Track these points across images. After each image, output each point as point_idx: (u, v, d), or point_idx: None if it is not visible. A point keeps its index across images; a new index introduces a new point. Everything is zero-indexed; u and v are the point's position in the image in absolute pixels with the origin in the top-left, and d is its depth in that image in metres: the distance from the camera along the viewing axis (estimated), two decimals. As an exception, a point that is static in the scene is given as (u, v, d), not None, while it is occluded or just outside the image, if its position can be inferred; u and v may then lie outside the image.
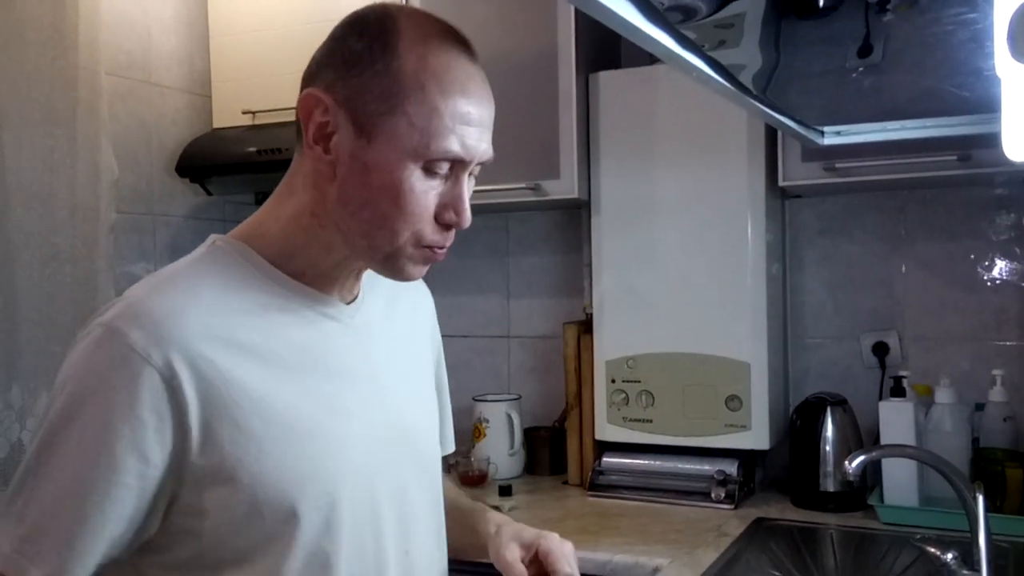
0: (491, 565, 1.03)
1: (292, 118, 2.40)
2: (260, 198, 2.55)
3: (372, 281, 0.99)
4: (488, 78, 0.90)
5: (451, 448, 1.17)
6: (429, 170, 0.85)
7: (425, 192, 0.86)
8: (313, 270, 0.92)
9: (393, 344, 1.01)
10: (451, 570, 1.07)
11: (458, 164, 0.87)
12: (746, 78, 0.87)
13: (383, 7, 0.88)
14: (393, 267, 0.90)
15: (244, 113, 2.27)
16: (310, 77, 0.89)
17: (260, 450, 0.83)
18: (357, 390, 0.93)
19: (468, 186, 0.90)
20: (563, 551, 0.99)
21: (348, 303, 0.96)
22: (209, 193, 2.36)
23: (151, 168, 2.30)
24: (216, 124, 2.34)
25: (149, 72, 2.30)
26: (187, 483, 0.83)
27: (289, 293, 0.90)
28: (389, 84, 0.84)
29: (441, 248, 0.90)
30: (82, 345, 0.83)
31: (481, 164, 0.90)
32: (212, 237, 0.93)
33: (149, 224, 2.27)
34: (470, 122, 0.86)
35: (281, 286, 0.90)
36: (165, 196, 2.32)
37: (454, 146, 0.85)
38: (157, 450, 0.81)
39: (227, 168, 2.25)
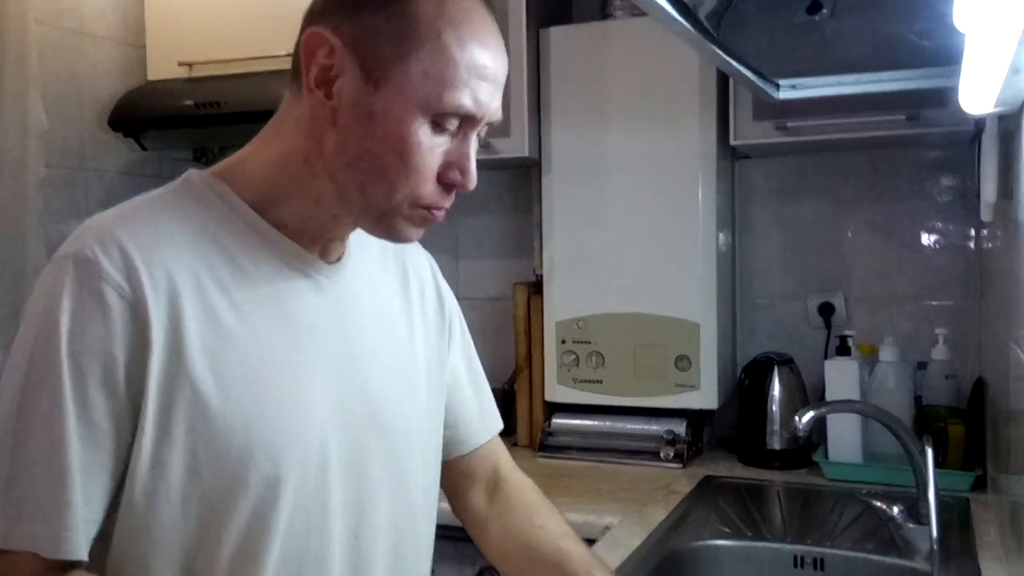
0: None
1: (231, 71, 2.31)
2: (198, 153, 2.48)
3: (363, 245, 0.93)
4: None
5: (498, 427, 1.11)
6: (438, 125, 0.80)
7: (431, 148, 0.80)
8: (296, 222, 0.85)
9: (376, 313, 0.94)
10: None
11: (467, 121, 0.82)
12: (703, 13, 0.84)
13: None
14: (387, 226, 0.84)
15: (180, 65, 2.17)
16: (313, 15, 0.82)
17: (208, 408, 0.78)
18: (324, 356, 0.86)
19: (474, 146, 0.84)
20: None
21: (330, 263, 0.89)
22: (144, 148, 2.26)
23: (83, 121, 2.20)
24: (151, 76, 2.24)
25: (81, 21, 2.19)
26: (139, 434, 0.77)
27: (266, 243, 0.84)
28: (404, 28, 0.78)
29: (440, 209, 0.84)
30: (49, 282, 0.77)
31: (489, 125, 0.84)
32: (188, 171, 0.87)
33: (81, 179, 2.18)
34: (485, 76, 0.80)
35: (258, 234, 0.84)
36: (98, 150, 2.22)
37: (466, 100, 0.80)
38: (124, 390, 0.76)
39: (162, 122, 2.16)
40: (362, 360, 0.90)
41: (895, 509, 1.39)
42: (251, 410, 0.80)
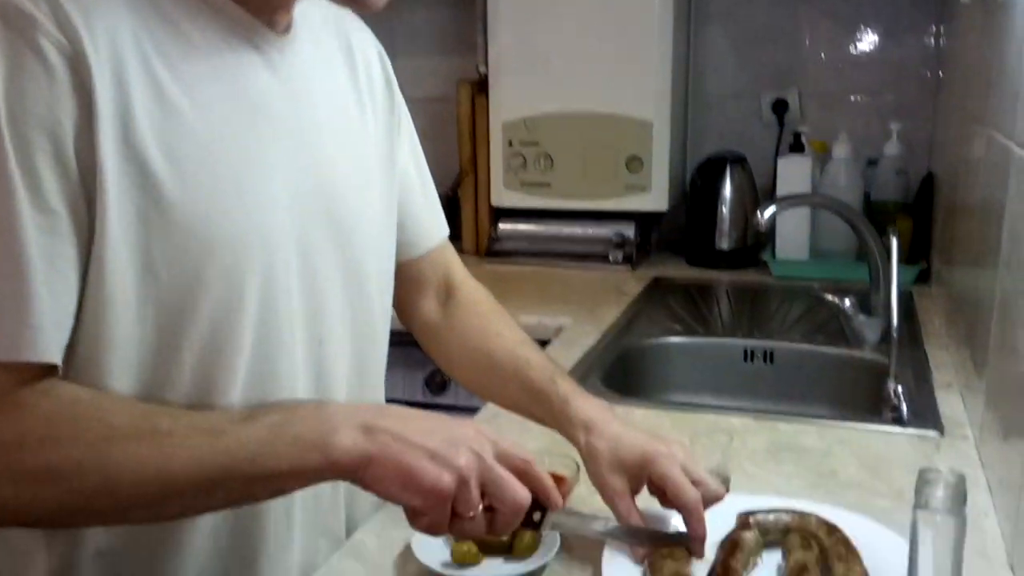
0: None
1: None
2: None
3: (304, 16, 0.81)
4: None
5: (446, 231, 1.04)
6: None
7: None
8: None
9: (327, 96, 0.84)
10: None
11: None
12: None
13: None
14: None
15: None
16: None
17: (161, 195, 0.68)
18: (278, 140, 0.77)
19: None
20: (683, 477, 0.80)
21: (278, 34, 0.78)
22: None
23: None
24: None
25: None
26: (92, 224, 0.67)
27: (209, 8, 0.73)
28: None
29: None
30: None
31: None
32: None
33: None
34: None
35: None
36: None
37: None
38: (75, 168, 0.65)
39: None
40: (316, 148, 0.81)
41: (846, 302, 1.40)
42: (209, 198, 0.71)
